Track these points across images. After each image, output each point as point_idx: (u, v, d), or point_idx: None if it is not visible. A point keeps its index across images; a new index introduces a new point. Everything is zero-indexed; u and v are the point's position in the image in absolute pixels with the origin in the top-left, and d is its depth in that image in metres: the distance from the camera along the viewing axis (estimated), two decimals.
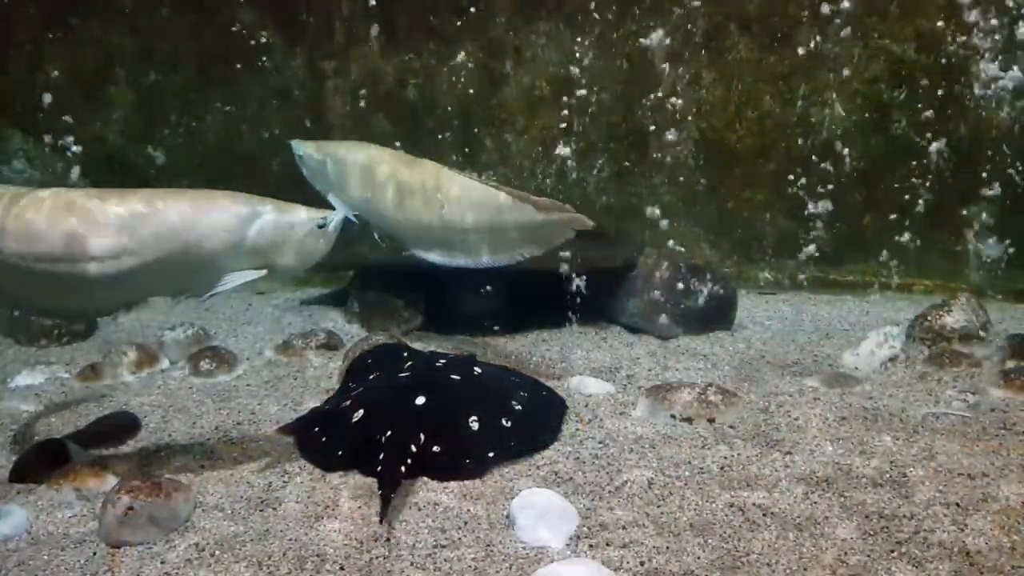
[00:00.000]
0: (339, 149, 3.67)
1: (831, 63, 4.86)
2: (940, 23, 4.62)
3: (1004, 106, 4.42)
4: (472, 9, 5.02)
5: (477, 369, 2.97)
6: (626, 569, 1.98)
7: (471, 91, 5.15)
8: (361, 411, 2.68)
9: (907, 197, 4.65)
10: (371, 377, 3.07)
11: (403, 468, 2.38)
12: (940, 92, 4.69)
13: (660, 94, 4.89)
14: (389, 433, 2.52)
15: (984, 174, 4.48)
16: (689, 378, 3.38)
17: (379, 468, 2.39)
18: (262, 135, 5.26)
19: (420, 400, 2.64)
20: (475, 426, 2.60)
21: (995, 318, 4.02)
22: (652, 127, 4.98)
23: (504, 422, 2.66)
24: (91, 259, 2.34)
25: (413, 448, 2.46)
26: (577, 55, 5.00)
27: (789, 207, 5.00)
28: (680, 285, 4.12)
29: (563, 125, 5.02)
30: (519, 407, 2.76)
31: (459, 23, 5.08)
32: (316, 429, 2.75)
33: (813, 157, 4.80)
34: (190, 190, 2.55)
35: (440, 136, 5.13)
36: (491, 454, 2.54)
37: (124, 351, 3.72)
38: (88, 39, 5.26)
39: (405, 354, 3.23)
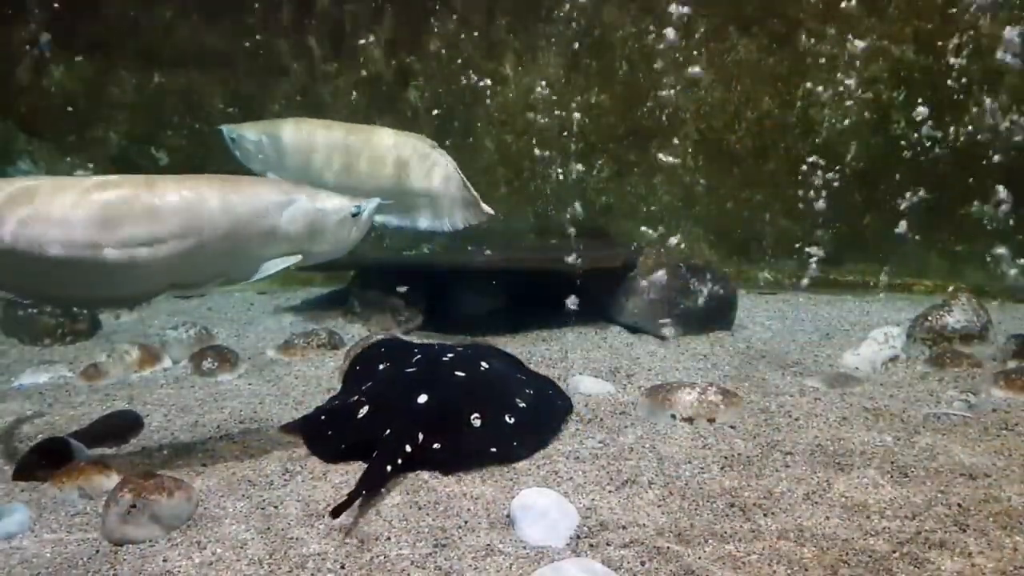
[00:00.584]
0: (275, 126, 3.70)
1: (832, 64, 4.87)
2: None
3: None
4: None
5: (484, 364, 2.96)
6: (626, 569, 1.98)
7: None
8: (366, 407, 2.69)
9: (907, 197, 4.66)
10: (381, 368, 3.07)
11: (390, 468, 2.38)
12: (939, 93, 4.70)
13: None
14: (388, 432, 2.53)
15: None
16: (689, 378, 3.38)
17: (367, 468, 2.39)
18: None
19: (422, 399, 2.65)
20: (477, 424, 2.61)
21: (996, 318, 4.03)
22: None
23: (507, 419, 2.66)
24: (140, 245, 2.35)
25: (408, 448, 2.47)
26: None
27: (788, 207, 5.01)
28: (680, 285, 4.13)
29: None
30: (523, 405, 2.76)
31: None
32: (323, 423, 2.77)
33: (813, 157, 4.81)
34: (227, 176, 2.57)
35: None
36: (492, 451, 2.55)
37: (127, 350, 3.73)
38: None
39: (415, 350, 3.23)
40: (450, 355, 2.99)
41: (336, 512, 2.15)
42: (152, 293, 2.59)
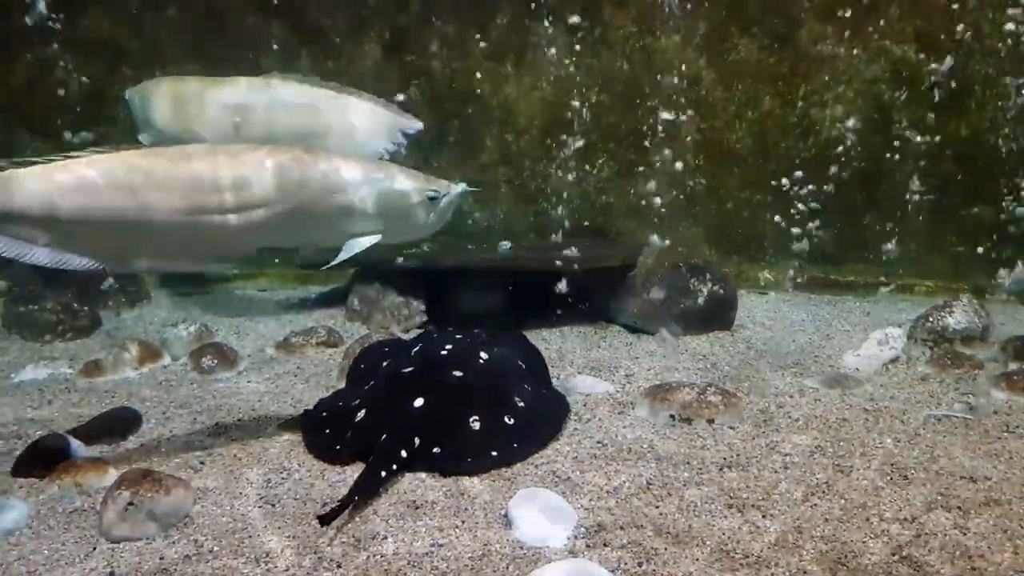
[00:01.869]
0: (146, 88, 3.69)
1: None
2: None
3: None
4: None
5: (483, 355, 2.93)
6: (624, 569, 1.98)
7: None
8: (364, 410, 2.69)
9: (907, 197, 4.65)
10: (384, 365, 3.07)
11: (385, 474, 2.38)
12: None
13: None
14: (384, 437, 2.52)
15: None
16: (689, 378, 3.38)
17: (361, 474, 2.38)
18: None
19: (419, 402, 2.64)
20: (476, 426, 2.60)
21: (997, 320, 4.02)
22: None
23: (507, 420, 2.65)
24: (236, 210, 2.44)
25: (404, 453, 2.46)
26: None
27: (788, 208, 5.00)
28: (680, 285, 4.12)
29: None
30: (522, 404, 2.75)
31: None
32: (322, 423, 2.77)
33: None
34: (310, 148, 2.67)
35: None
36: (492, 455, 2.54)
37: (127, 347, 3.73)
38: None
39: (416, 343, 3.21)
40: (448, 347, 2.97)
41: (326, 519, 2.13)
42: (229, 259, 2.73)
